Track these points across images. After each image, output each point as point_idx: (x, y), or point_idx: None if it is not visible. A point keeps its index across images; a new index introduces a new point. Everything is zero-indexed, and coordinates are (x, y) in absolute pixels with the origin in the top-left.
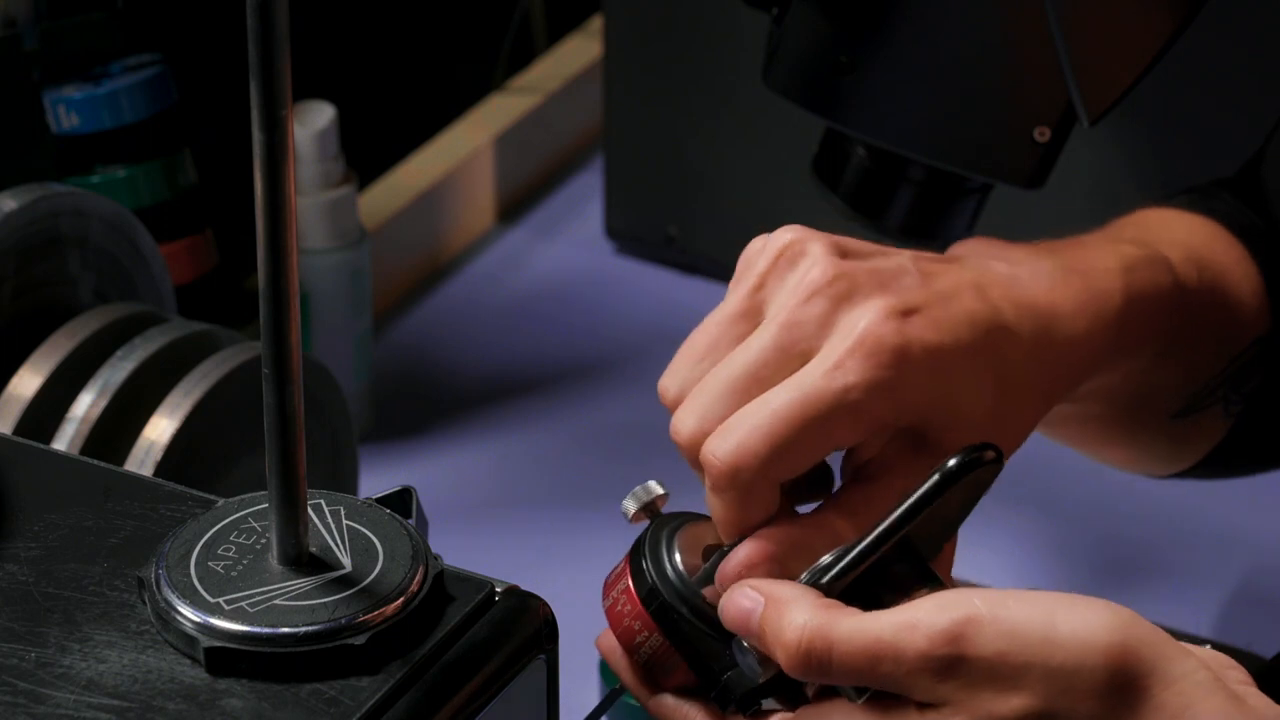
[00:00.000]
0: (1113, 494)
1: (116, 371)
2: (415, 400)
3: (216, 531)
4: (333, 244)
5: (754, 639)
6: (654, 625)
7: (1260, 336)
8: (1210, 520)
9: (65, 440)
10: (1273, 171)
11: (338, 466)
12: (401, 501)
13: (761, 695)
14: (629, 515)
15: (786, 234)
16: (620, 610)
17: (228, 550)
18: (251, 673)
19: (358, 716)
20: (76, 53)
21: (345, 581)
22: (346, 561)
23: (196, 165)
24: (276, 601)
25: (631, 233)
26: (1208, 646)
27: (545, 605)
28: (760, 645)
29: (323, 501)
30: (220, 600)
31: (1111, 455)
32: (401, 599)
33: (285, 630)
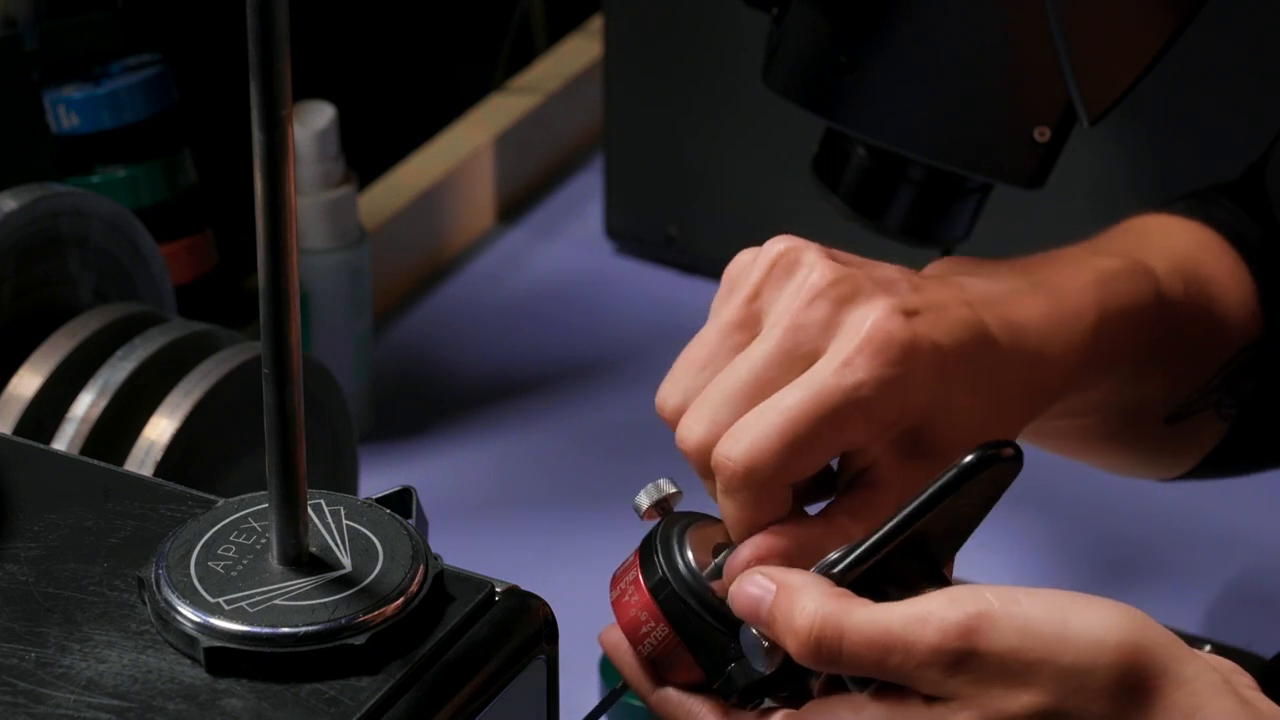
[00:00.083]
0: (1113, 494)
1: (116, 371)
2: (415, 400)
3: (216, 531)
4: (333, 244)
5: (764, 627)
6: (661, 616)
7: (1251, 343)
8: (1210, 520)
9: (65, 440)
10: (1276, 176)
11: (338, 466)
12: (401, 501)
13: (765, 689)
14: (641, 511)
15: (779, 243)
16: (628, 601)
17: (228, 550)
18: (251, 673)
19: (358, 716)
20: (76, 53)
21: (345, 581)
22: (346, 561)
23: (196, 165)
24: (276, 601)
25: (631, 233)
26: (1208, 648)
27: (545, 605)
28: (770, 633)
29: (323, 501)
30: (220, 600)
31: (1106, 463)
32: (401, 599)
33: (285, 630)
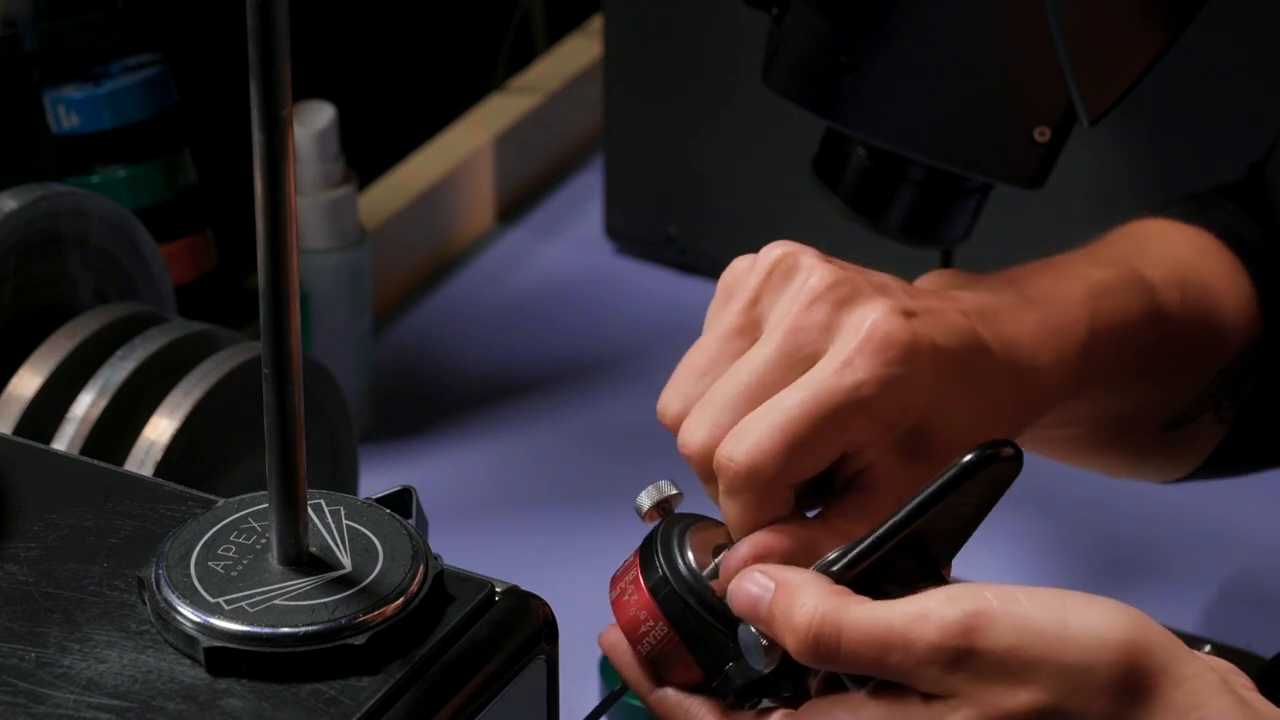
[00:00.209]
0: (1113, 494)
1: (116, 371)
2: (415, 400)
3: (216, 531)
4: (333, 244)
5: (762, 624)
6: (660, 615)
7: (1249, 347)
8: (1210, 520)
9: (65, 440)
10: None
11: (338, 466)
12: (401, 501)
13: (763, 688)
14: (642, 512)
15: (777, 249)
16: (627, 601)
17: (228, 550)
18: (251, 673)
19: (358, 716)
20: (76, 53)
21: (345, 581)
22: (346, 561)
23: (196, 165)
24: (276, 601)
25: (631, 233)
26: (1207, 648)
27: (545, 605)
28: (769, 630)
29: (323, 501)
30: (220, 600)
31: (1103, 468)
32: (401, 599)
33: (285, 630)
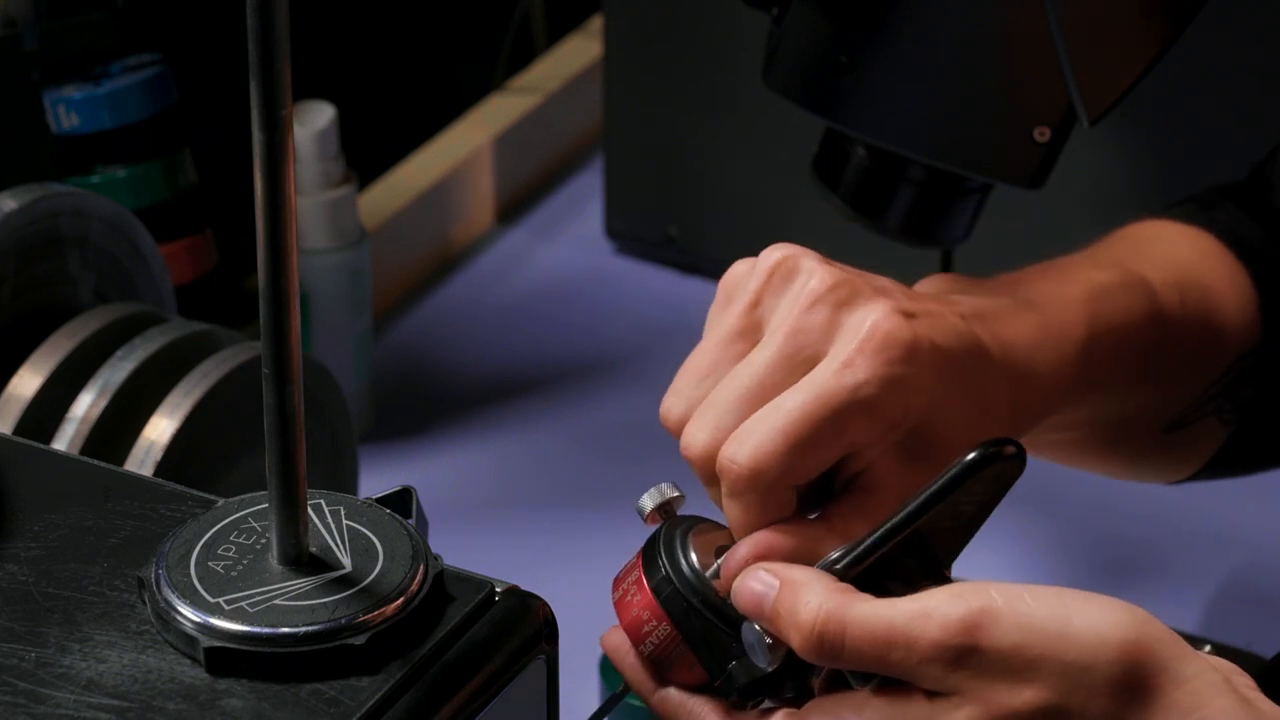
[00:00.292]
0: (1113, 494)
1: (116, 371)
2: (415, 400)
3: (216, 531)
4: (333, 244)
5: (767, 622)
6: (663, 615)
7: (1249, 350)
8: (1210, 520)
9: (65, 440)
10: None
11: (338, 466)
12: (401, 501)
13: (765, 686)
14: (645, 514)
15: (776, 252)
16: (630, 601)
17: (228, 550)
18: (251, 673)
19: (358, 716)
20: (76, 53)
21: (345, 581)
22: (346, 561)
23: (196, 165)
24: (276, 601)
25: (631, 233)
26: (1207, 648)
27: (545, 605)
28: (773, 628)
29: (323, 501)
30: (220, 600)
31: (1104, 470)
32: (401, 599)
33: (285, 630)
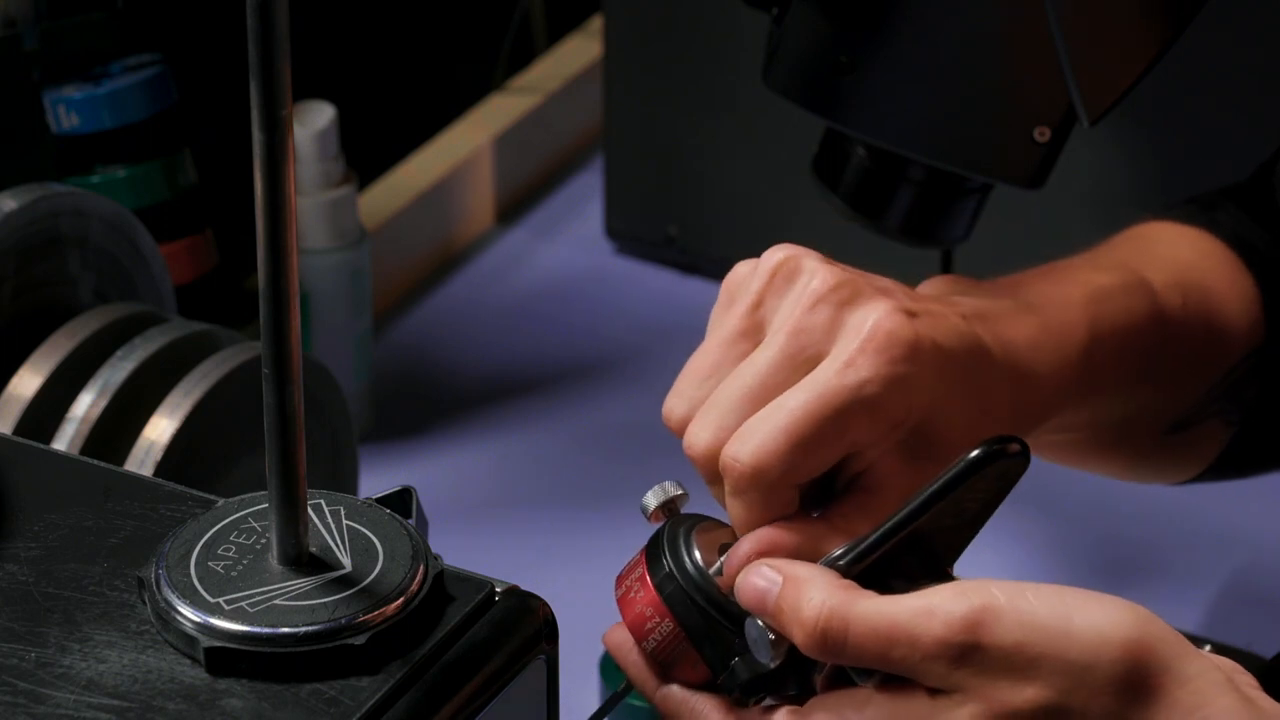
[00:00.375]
0: (1113, 494)
1: (116, 371)
2: (415, 400)
3: (216, 531)
4: (333, 244)
5: (770, 618)
6: (666, 611)
7: (1253, 351)
8: (1210, 520)
9: (65, 440)
10: None
11: (338, 466)
12: (401, 501)
13: (768, 683)
14: (648, 512)
15: (778, 252)
16: (633, 598)
17: (228, 550)
18: (251, 673)
19: (358, 716)
20: (76, 53)
21: (345, 581)
22: (346, 561)
23: (196, 165)
24: (276, 601)
25: (631, 233)
26: (1208, 647)
27: (545, 605)
28: (776, 624)
29: (323, 501)
30: (220, 600)
31: (1109, 471)
32: (401, 599)
33: (285, 630)
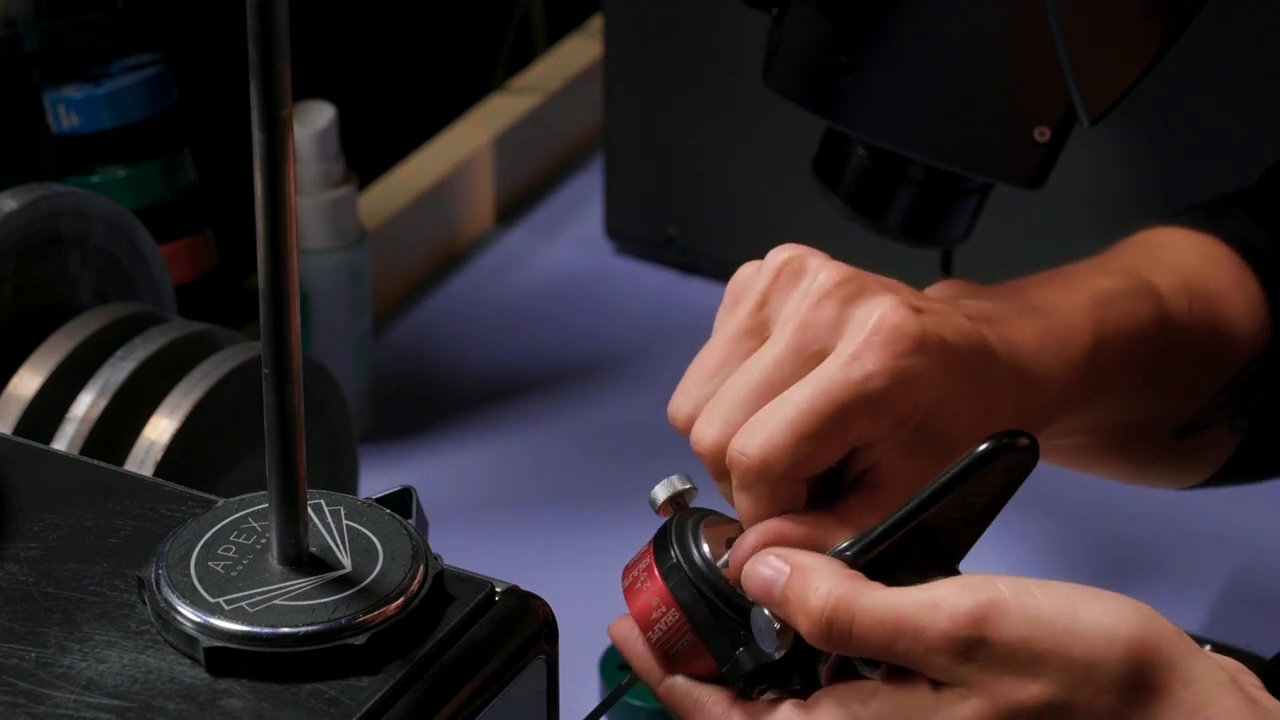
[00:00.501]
0: (1113, 494)
1: (116, 371)
2: (415, 400)
3: (216, 531)
4: (333, 244)
5: (776, 607)
6: (672, 601)
7: (1259, 355)
8: (1210, 520)
9: (65, 440)
10: None
11: (338, 466)
12: (401, 501)
13: (772, 673)
14: (657, 504)
15: (783, 252)
16: (639, 588)
17: (228, 550)
18: (251, 673)
19: (358, 716)
20: (76, 53)
21: (345, 581)
22: (346, 561)
23: (196, 165)
24: (276, 601)
25: (631, 233)
26: (1208, 647)
27: (545, 605)
28: (782, 613)
29: (323, 501)
30: (220, 600)
31: (1115, 476)
32: (401, 599)
33: (285, 630)
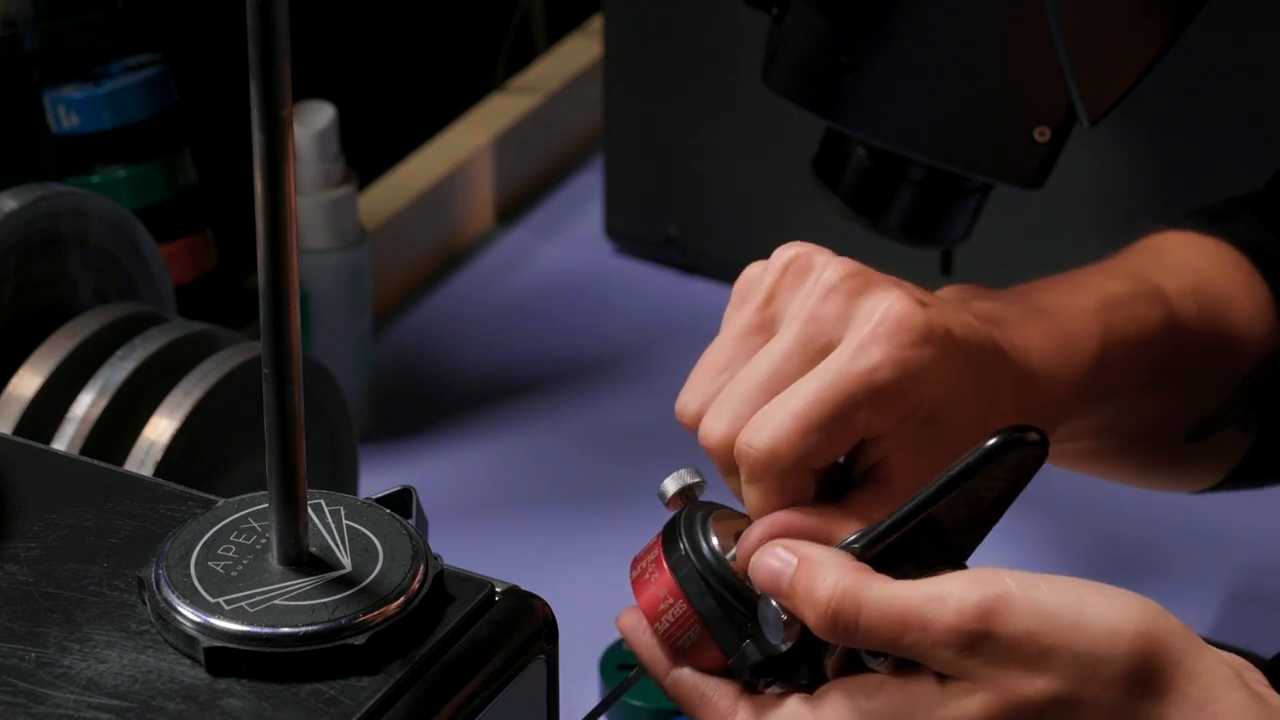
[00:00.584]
0: (1114, 494)
1: (116, 371)
2: (415, 400)
3: (216, 531)
4: (333, 244)
5: (783, 599)
6: (680, 593)
7: (1267, 359)
8: (1210, 520)
9: (65, 440)
10: None
11: (338, 466)
12: (401, 501)
13: (778, 665)
14: (666, 497)
15: (789, 250)
16: (647, 579)
17: (228, 550)
18: (251, 673)
19: (358, 716)
20: (76, 53)
21: (345, 581)
22: (346, 561)
23: (196, 165)
24: (276, 601)
25: (631, 233)
26: None
27: (545, 605)
28: (789, 605)
29: (323, 501)
30: (220, 600)
31: (1124, 479)
32: (401, 599)
33: (285, 630)
